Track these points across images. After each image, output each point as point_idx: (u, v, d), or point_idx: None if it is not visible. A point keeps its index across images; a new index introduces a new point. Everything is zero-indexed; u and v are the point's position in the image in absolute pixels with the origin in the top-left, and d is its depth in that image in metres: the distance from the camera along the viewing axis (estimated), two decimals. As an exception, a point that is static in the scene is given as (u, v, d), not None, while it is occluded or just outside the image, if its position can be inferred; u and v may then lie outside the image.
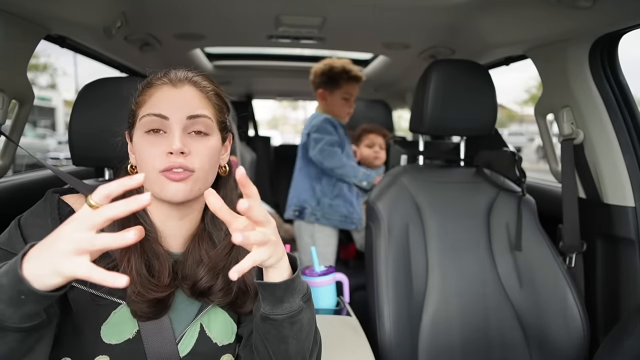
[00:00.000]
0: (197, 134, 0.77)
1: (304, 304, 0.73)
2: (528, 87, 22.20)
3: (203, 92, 0.80)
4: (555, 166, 1.58)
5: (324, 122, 2.15)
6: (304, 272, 1.35)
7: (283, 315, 0.71)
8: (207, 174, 0.78)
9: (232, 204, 0.88)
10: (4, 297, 0.54)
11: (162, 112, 0.76)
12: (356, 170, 2.09)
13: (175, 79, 0.79)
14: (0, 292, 0.54)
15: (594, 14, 1.16)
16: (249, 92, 3.64)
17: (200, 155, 0.76)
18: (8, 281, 0.55)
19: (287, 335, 0.72)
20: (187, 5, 1.44)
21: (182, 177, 0.74)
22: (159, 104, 0.77)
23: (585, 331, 1.33)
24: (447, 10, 1.37)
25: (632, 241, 1.32)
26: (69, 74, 21.76)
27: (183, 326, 0.78)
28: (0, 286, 0.55)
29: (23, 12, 1.11)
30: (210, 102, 0.80)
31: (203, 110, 0.78)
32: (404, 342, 1.32)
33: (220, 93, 0.83)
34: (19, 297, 0.54)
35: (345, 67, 2.18)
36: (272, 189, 3.59)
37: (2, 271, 0.56)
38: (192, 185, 0.76)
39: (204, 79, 0.82)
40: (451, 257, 1.41)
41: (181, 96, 0.77)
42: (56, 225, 0.74)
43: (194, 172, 0.75)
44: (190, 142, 0.76)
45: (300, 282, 0.73)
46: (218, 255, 0.81)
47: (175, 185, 0.75)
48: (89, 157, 1.11)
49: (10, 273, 0.55)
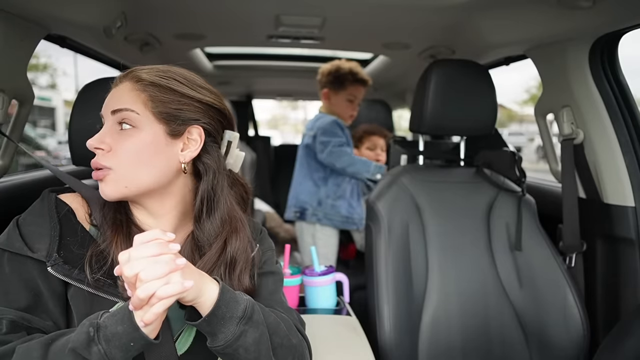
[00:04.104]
0: (123, 129, 0.76)
1: (245, 327, 0.70)
2: (528, 87, 22.20)
3: (137, 84, 0.77)
4: (555, 166, 1.58)
5: (331, 124, 2.14)
6: (304, 272, 1.35)
7: (220, 345, 0.69)
8: (133, 171, 0.75)
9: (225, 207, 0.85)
10: (118, 343, 0.62)
11: (101, 110, 0.79)
12: (367, 165, 2.06)
13: (119, 76, 0.80)
14: (115, 339, 0.62)
15: (594, 14, 1.16)
16: (249, 92, 3.64)
17: (122, 150, 0.75)
18: (124, 329, 0.62)
19: (241, 359, 0.71)
20: (187, 5, 1.44)
21: (98, 176, 0.76)
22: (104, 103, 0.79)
23: (585, 331, 1.33)
24: (447, 10, 1.37)
25: (632, 241, 1.32)
26: (69, 74, 21.76)
27: (180, 324, 0.78)
28: (116, 334, 0.62)
29: (23, 12, 1.11)
30: (144, 93, 0.76)
31: (127, 104, 0.75)
32: (404, 342, 1.32)
33: (162, 83, 0.77)
34: (129, 345, 0.62)
35: (352, 70, 2.18)
36: (272, 189, 3.59)
37: (115, 319, 0.63)
38: (113, 183, 0.75)
39: (148, 71, 0.78)
40: (451, 257, 1.41)
41: (115, 93, 0.78)
42: (54, 224, 0.75)
43: (110, 170, 0.75)
44: (117, 138, 0.76)
45: (229, 310, 0.69)
46: (207, 262, 0.80)
47: (100, 185, 0.76)
48: (89, 157, 1.10)
49: (125, 322, 0.62)
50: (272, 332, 0.75)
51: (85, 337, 0.62)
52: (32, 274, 0.73)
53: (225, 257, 0.81)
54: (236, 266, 0.81)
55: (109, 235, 0.76)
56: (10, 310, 0.70)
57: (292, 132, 27.21)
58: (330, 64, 2.24)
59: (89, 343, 0.62)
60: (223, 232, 0.82)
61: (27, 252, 0.72)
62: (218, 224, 0.81)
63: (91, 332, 0.62)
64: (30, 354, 0.64)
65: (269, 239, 0.97)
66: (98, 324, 0.63)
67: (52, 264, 0.72)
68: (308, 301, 1.36)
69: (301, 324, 0.90)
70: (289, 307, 0.90)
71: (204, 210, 0.81)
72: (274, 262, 0.93)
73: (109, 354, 0.62)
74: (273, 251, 0.94)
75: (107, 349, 0.61)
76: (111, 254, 0.74)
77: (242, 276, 0.82)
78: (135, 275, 0.60)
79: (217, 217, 0.81)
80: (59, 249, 0.73)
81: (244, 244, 0.83)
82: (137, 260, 0.60)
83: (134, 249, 0.62)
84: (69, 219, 0.78)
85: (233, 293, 0.72)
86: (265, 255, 0.91)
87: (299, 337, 0.83)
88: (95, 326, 0.63)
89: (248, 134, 3.75)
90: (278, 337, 0.77)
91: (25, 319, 0.70)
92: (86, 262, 0.73)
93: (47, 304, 0.73)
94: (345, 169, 2.09)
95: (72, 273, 0.73)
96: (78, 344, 0.62)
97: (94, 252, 0.74)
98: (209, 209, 0.81)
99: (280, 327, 0.78)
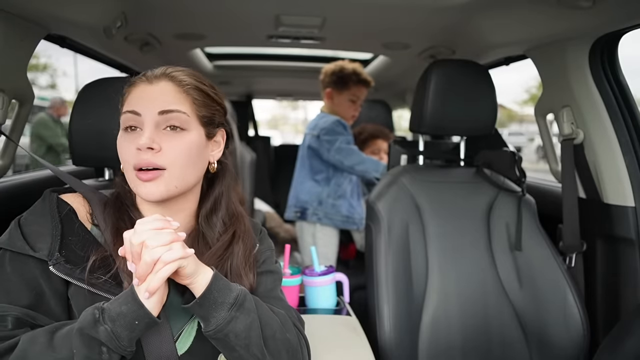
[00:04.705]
0: (172, 130, 0.76)
1: (236, 313, 0.72)
2: (528, 87, 22.18)
3: (180, 87, 0.78)
4: (555, 166, 1.58)
5: (335, 123, 2.14)
6: (304, 272, 1.35)
7: (212, 329, 0.71)
8: (183, 171, 0.77)
9: (230, 204, 0.88)
10: (123, 322, 0.65)
11: (135, 108, 0.76)
12: (377, 164, 2.06)
13: (152, 75, 0.79)
14: (120, 318, 0.65)
15: (594, 14, 1.16)
16: (249, 92, 3.64)
17: (173, 151, 0.75)
18: (128, 308, 0.66)
19: (232, 345, 0.73)
20: (187, 5, 1.44)
21: (150, 177, 0.74)
22: (134, 101, 0.77)
23: (585, 331, 1.33)
24: (447, 10, 1.37)
25: (632, 241, 1.32)
26: (69, 74, 21.76)
27: (181, 324, 0.79)
28: (121, 313, 0.65)
29: (23, 12, 1.11)
30: (189, 96, 0.78)
31: (177, 105, 0.76)
32: (404, 342, 1.32)
33: (202, 87, 0.81)
34: (134, 323, 0.66)
35: (355, 70, 2.19)
36: (272, 189, 3.59)
37: (119, 302, 0.67)
38: (165, 184, 0.75)
39: (184, 74, 0.80)
40: (451, 257, 1.41)
41: (155, 92, 0.77)
42: (56, 223, 0.75)
43: (164, 170, 0.75)
44: (164, 138, 0.76)
45: (221, 295, 0.72)
46: (212, 256, 0.81)
47: (147, 186, 0.75)
48: (89, 157, 1.11)
49: (129, 302, 0.66)
50: (264, 323, 0.77)
51: (91, 319, 0.65)
52: (34, 273, 0.73)
53: (230, 252, 0.83)
54: (240, 261, 0.83)
55: (112, 242, 0.76)
56: (15, 307, 0.70)
57: (292, 132, 27.19)
58: (334, 64, 2.24)
59: (95, 323, 0.65)
60: (230, 228, 0.85)
61: (28, 251, 0.72)
62: (227, 220, 0.86)
63: (96, 314, 0.65)
64: (35, 339, 0.66)
65: (269, 239, 0.98)
66: (102, 307, 0.66)
67: (54, 263, 0.72)
68: (308, 301, 1.36)
69: (300, 322, 0.90)
70: (288, 305, 0.90)
71: (215, 207, 0.86)
72: (273, 262, 0.94)
73: (115, 332, 0.64)
74: (272, 251, 0.95)
75: (113, 328, 0.65)
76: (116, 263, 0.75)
77: (245, 271, 0.83)
78: (141, 243, 0.65)
79: (226, 213, 0.86)
80: (60, 248, 0.74)
81: (249, 240, 0.87)
82: (143, 232, 0.66)
83: (139, 223, 0.67)
84: (70, 219, 0.78)
85: (226, 281, 0.74)
86: (265, 254, 0.92)
87: (295, 333, 0.84)
88: (99, 309, 0.66)
89: (248, 134, 3.75)
90: (270, 329, 0.78)
91: (30, 316, 0.71)
92: (88, 266, 0.73)
93: (49, 303, 0.73)
94: (354, 166, 2.08)
95: (74, 272, 0.73)
96: (85, 324, 0.65)
97: (98, 257, 0.75)
98: (219, 206, 0.86)
99: (274, 319, 0.79)
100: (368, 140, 2.52)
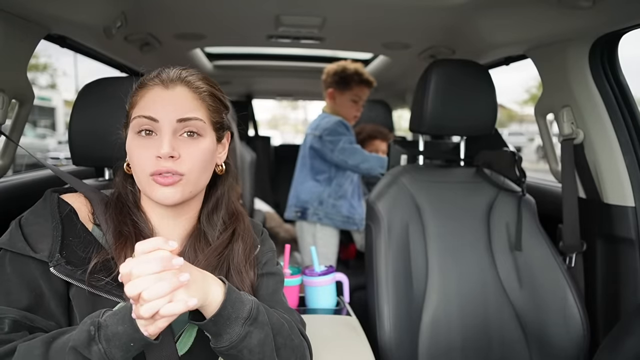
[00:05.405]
0: (189, 136, 0.76)
1: (250, 327, 0.70)
2: (528, 87, 22.21)
3: (196, 93, 0.78)
4: (555, 166, 1.58)
5: (337, 124, 2.14)
6: (304, 272, 1.35)
7: (225, 346, 0.69)
8: (199, 177, 0.78)
9: (230, 203, 0.89)
10: (118, 343, 0.62)
11: (152, 114, 0.75)
12: (381, 160, 2.06)
13: (167, 79, 0.77)
14: (115, 339, 0.62)
15: (594, 14, 1.16)
16: (249, 92, 3.64)
17: (191, 158, 0.76)
18: (124, 330, 0.62)
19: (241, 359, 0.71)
20: (187, 5, 1.44)
21: (170, 182, 0.74)
22: (150, 106, 0.76)
23: (585, 331, 1.33)
24: (447, 10, 1.37)
25: (632, 241, 1.32)
26: (69, 74, 21.79)
27: (181, 325, 0.78)
28: (117, 333, 0.62)
29: (23, 12, 1.11)
30: (204, 103, 0.79)
31: (194, 113, 0.76)
32: (404, 342, 1.32)
33: (215, 93, 0.82)
34: (129, 345, 0.62)
35: (358, 70, 2.19)
36: (272, 189, 3.59)
37: (116, 319, 0.63)
38: (182, 189, 0.75)
39: (198, 79, 0.80)
40: (451, 257, 1.41)
41: (172, 98, 0.76)
42: (56, 224, 0.75)
43: (183, 176, 0.75)
44: (181, 145, 0.75)
45: (235, 310, 0.69)
46: (212, 253, 0.81)
47: (165, 190, 0.75)
48: (89, 157, 1.11)
49: (126, 322, 0.62)
50: (275, 332, 0.76)
51: (86, 336, 0.62)
52: (34, 274, 0.72)
53: (230, 249, 0.83)
54: (240, 258, 0.83)
55: (114, 245, 0.76)
56: (13, 310, 0.70)
57: (292, 132, 27.21)
58: (336, 64, 2.24)
59: (90, 342, 0.62)
60: (230, 227, 0.86)
61: (29, 252, 0.72)
62: (227, 218, 0.87)
63: (92, 331, 0.62)
64: (31, 352, 0.64)
65: (270, 240, 0.98)
66: (99, 322, 0.63)
67: (55, 264, 0.72)
68: (308, 301, 1.36)
69: (302, 324, 0.90)
70: (289, 307, 0.90)
71: (217, 206, 0.86)
72: (275, 263, 0.94)
73: (108, 353, 0.62)
74: (274, 252, 0.95)
75: (107, 349, 0.62)
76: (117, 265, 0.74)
77: (246, 268, 0.84)
78: (138, 294, 0.59)
79: (226, 212, 0.87)
80: (61, 249, 0.73)
81: (249, 237, 0.87)
82: (139, 279, 0.59)
83: (135, 264, 0.60)
84: (71, 219, 0.78)
85: (238, 293, 0.72)
86: (266, 256, 0.92)
87: (301, 337, 0.84)
88: (96, 325, 0.63)
89: (248, 134, 3.75)
90: (281, 337, 0.77)
91: (28, 318, 0.70)
92: (89, 268, 0.73)
93: (49, 304, 0.73)
94: (359, 165, 2.08)
95: (75, 274, 0.73)
96: (79, 342, 0.62)
97: (99, 260, 0.74)
98: (220, 206, 0.86)
99: (284, 327, 0.79)
100: (366, 141, 2.52)
